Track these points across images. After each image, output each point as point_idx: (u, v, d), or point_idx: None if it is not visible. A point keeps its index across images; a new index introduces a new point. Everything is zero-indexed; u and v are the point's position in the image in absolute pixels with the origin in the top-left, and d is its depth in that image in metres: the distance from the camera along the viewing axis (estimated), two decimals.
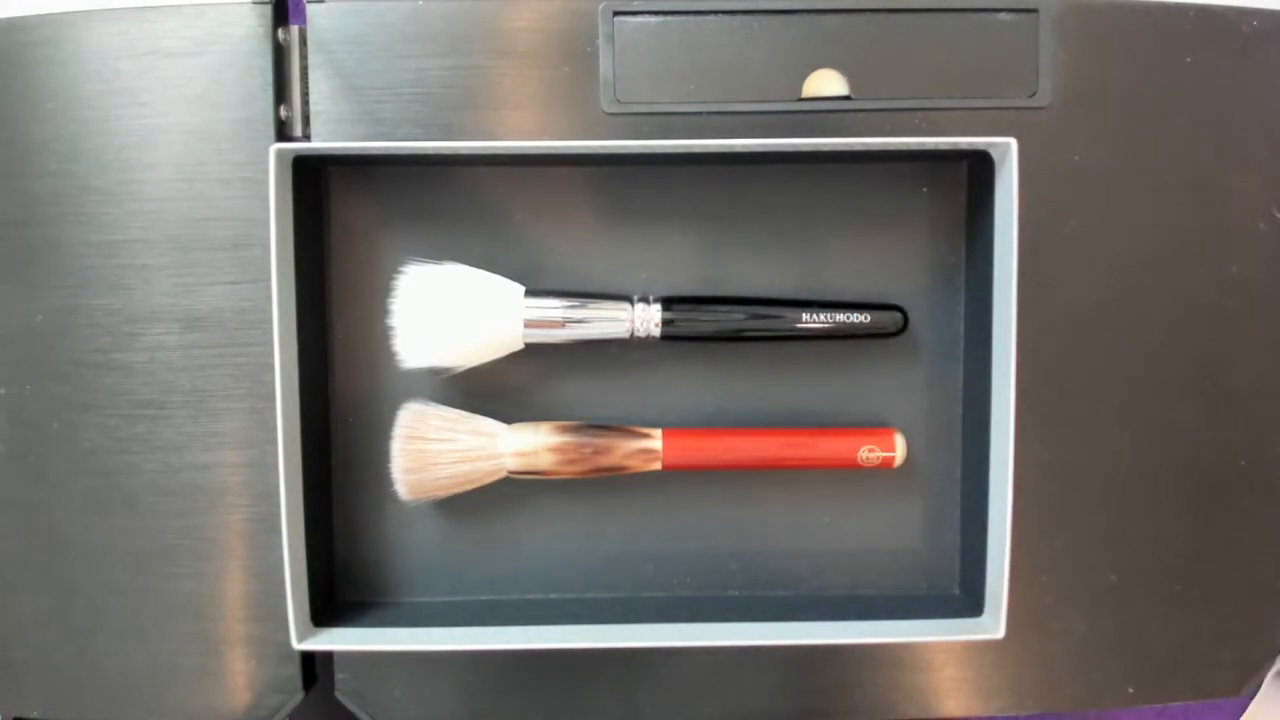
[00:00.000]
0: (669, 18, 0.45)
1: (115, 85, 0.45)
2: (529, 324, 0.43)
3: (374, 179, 0.46)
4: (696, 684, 0.47)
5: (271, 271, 0.40)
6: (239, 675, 0.46)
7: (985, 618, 0.43)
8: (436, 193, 0.46)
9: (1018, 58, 0.45)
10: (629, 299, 0.44)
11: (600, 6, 0.45)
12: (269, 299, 0.40)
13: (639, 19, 0.45)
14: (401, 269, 0.43)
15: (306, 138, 0.45)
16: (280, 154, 0.40)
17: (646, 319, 0.43)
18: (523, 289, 0.43)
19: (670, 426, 0.45)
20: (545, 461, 0.43)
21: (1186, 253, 0.46)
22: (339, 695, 0.46)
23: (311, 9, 0.45)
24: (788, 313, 0.44)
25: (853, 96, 0.45)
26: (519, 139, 0.45)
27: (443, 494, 0.44)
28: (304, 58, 0.45)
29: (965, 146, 0.41)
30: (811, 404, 0.46)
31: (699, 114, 0.45)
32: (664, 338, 0.44)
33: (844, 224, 0.46)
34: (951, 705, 0.47)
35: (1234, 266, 0.46)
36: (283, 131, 0.45)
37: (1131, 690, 0.47)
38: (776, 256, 0.46)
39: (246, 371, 0.45)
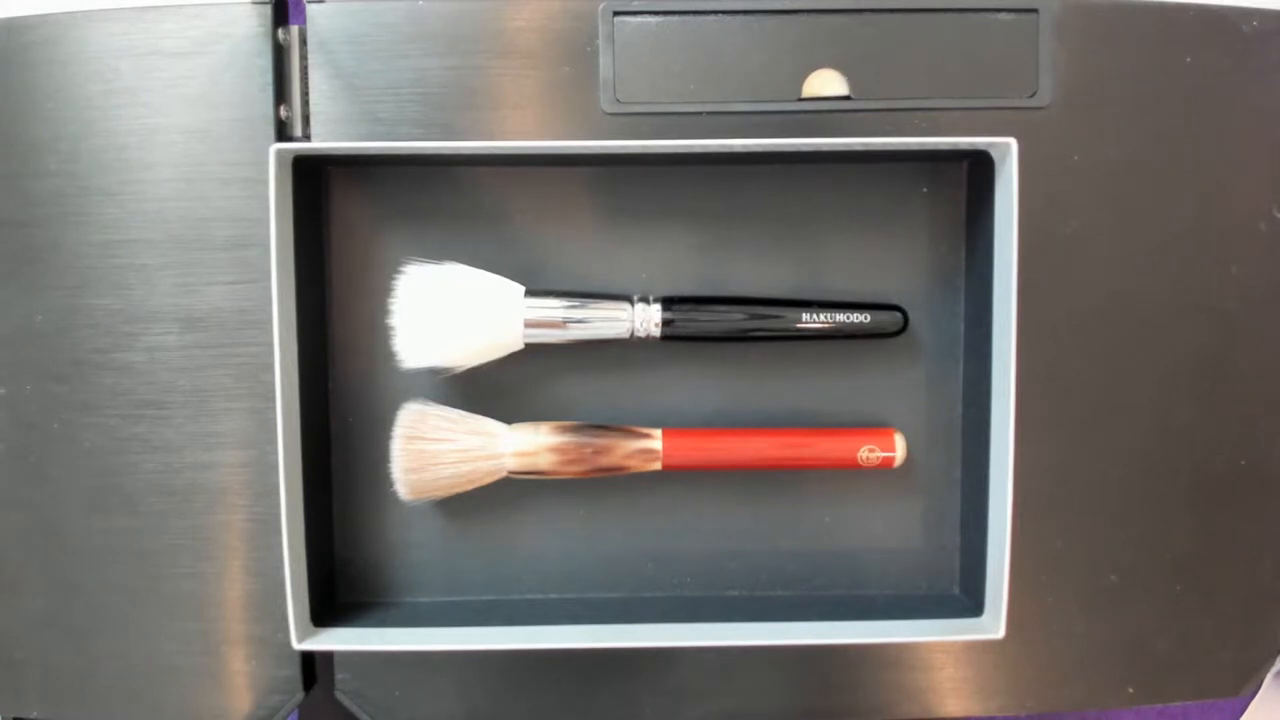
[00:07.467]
0: (669, 18, 0.45)
1: (115, 85, 0.45)
2: (529, 324, 0.43)
3: (374, 179, 0.46)
4: (696, 684, 0.47)
5: (271, 271, 0.40)
6: (239, 675, 0.46)
7: (985, 618, 0.43)
8: (436, 193, 0.46)
9: (1018, 58, 0.45)
10: (629, 299, 0.44)
11: (600, 6, 0.45)
12: (269, 299, 0.40)
13: (639, 19, 0.45)
14: (401, 269, 0.43)
15: (306, 138, 0.45)
16: (280, 154, 0.40)
17: (646, 319, 0.43)
18: (523, 289, 0.43)
19: (670, 426, 0.45)
20: (545, 461, 0.43)
21: (1186, 253, 0.46)
22: (339, 695, 0.46)
23: (311, 9, 0.45)
24: (788, 313, 0.44)
25: (853, 96, 0.45)
26: (519, 139, 0.45)
27: (443, 494, 0.44)
28: (304, 58, 0.45)
29: (965, 146, 0.41)
30: (811, 404, 0.46)
31: (699, 114, 0.45)
32: (664, 338, 0.44)
33: (844, 224, 0.46)
34: (951, 705, 0.47)
35: (1234, 266, 0.46)
36: (283, 131, 0.45)
37: (1131, 690, 0.47)
38: (776, 256, 0.46)
39: (246, 371, 0.45)
